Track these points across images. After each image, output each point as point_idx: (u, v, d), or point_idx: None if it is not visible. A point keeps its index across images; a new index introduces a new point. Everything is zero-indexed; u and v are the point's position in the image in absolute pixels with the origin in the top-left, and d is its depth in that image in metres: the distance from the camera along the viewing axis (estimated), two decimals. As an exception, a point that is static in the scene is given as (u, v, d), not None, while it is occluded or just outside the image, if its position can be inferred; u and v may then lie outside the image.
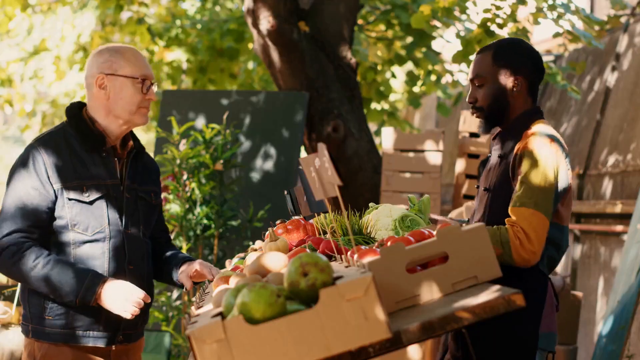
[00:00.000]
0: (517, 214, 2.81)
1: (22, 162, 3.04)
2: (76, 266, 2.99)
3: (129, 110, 3.08)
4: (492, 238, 2.77)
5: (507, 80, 3.00)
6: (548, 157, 2.85)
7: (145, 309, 3.13)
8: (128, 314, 2.93)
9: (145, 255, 3.17)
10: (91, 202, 3.03)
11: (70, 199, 3.00)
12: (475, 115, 3.07)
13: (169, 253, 3.34)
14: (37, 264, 2.94)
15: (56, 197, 3.01)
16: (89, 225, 3.02)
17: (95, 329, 3.04)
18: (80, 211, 3.02)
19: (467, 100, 3.09)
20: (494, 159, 3.06)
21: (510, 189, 2.89)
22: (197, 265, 3.19)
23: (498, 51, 3.03)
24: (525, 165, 2.85)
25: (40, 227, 3.01)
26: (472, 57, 3.20)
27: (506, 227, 2.81)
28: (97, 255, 3.02)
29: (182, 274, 3.23)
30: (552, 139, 2.90)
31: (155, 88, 3.16)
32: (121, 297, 2.93)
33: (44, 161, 3.01)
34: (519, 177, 2.85)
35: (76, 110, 3.14)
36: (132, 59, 3.11)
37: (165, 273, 3.31)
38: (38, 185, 3.00)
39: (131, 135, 3.20)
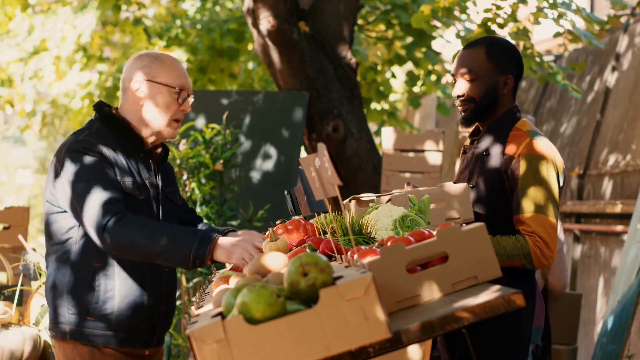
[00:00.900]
0: (533, 222, 2.88)
1: (82, 152, 2.93)
2: (182, 227, 2.93)
3: (162, 120, 3.04)
4: (513, 250, 2.88)
5: (499, 77, 3.04)
6: (551, 161, 2.91)
7: (174, 310, 3.15)
8: (245, 263, 2.79)
9: None
10: (141, 201, 3.01)
11: (126, 194, 2.96)
12: (462, 107, 3.08)
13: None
14: (145, 223, 2.86)
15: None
16: None
17: (136, 330, 2.99)
18: (132, 207, 2.96)
19: (453, 93, 3.10)
20: (476, 155, 3.09)
21: (500, 188, 2.95)
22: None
23: (491, 48, 3.05)
24: (531, 170, 2.91)
25: (126, 203, 2.92)
26: (461, 50, 3.19)
27: (524, 237, 2.89)
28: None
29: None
30: (548, 141, 2.97)
31: (191, 100, 3.10)
32: (239, 247, 2.82)
33: (103, 152, 2.95)
34: (524, 182, 2.91)
35: (110, 112, 3.08)
36: (172, 68, 3.06)
37: None
38: (107, 166, 2.94)
39: None
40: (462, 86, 3.07)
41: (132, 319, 2.97)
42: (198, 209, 5.57)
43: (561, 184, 2.97)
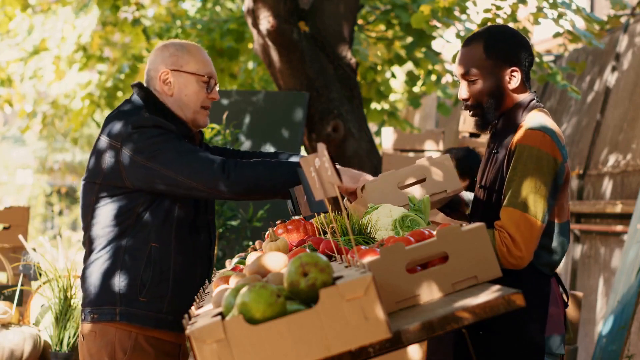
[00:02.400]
0: (505, 216, 2.68)
1: (152, 126, 2.91)
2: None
3: (193, 109, 3.03)
4: None
5: (502, 73, 2.82)
6: (546, 154, 2.69)
7: None
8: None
9: (215, 243, 3.20)
10: None
11: None
12: (471, 113, 2.90)
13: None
14: (250, 161, 2.91)
15: None
16: (194, 206, 3.03)
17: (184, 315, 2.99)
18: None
19: (459, 96, 2.91)
20: (490, 155, 2.92)
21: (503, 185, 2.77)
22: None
23: (490, 43, 2.82)
24: (515, 162, 2.70)
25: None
26: (461, 48, 2.98)
27: (493, 231, 2.68)
28: (199, 242, 3.03)
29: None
30: (545, 131, 2.73)
31: (217, 88, 3.11)
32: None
33: (172, 127, 2.96)
34: (511, 173, 2.71)
35: (153, 95, 3.05)
36: (198, 56, 3.05)
37: None
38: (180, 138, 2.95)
39: None
40: (464, 89, 2.87)
41: (185, 301, 2.92)
42: (198, 209, 5.57)
43: (561, 180, 2.75)
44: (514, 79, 2.83)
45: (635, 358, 5.49)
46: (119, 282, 2.92)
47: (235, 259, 3.18)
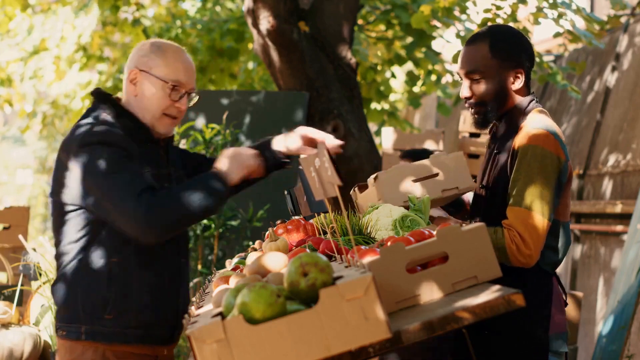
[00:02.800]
0: (512, 215, 2.69)
1: (101, 143, 2.78)
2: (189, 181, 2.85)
3: (152, 115, 2.90)
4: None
5: (507, 74, 2.83)
6: (550, 154, 2.71)
7: (187, 308, 3.02)
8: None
9: (188, 248, 3.07)
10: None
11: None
12: (472, 110, 2.88)
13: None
14: (169, 193, 2.75)
15: None
16: None
17: (156, 328, 2.88)
18: None
19: (461, 94, 2.89)
20: (490, 154, 2.92)
21: (506, 185, 2.77)
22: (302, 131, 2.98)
23: (495, 43, 2.83)
24: (520, 162, 2.71)
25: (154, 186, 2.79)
26: (464, 47, 2.96)
27: (502, 229, 2.70)
28: (164, 252, 2.88)
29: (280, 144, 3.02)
30: (548, 131, 2.74)
31: (193, 99, 2.98)
32: (242, 158, 2.87)
33: (119, 143, 2.79)
34: (516, 173, 2.72)
35: (112, 101, 2.94)
36: (171, 61, 2.91)
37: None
38: (127, 156, 2.78)
39: None
40: (468, 88, 2.86)
41: (151, 315, 2.86)
42: (198, 209, 5.56)
43: (564, 179, 2.77)
44: (518, 80, 2.84)
45: (635, 358, 5.49)
46: (82, 300, 2.83)
47: (235, 259, 3.18)
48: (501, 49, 2.82)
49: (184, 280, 3.01)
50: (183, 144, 5.67)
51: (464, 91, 2.87)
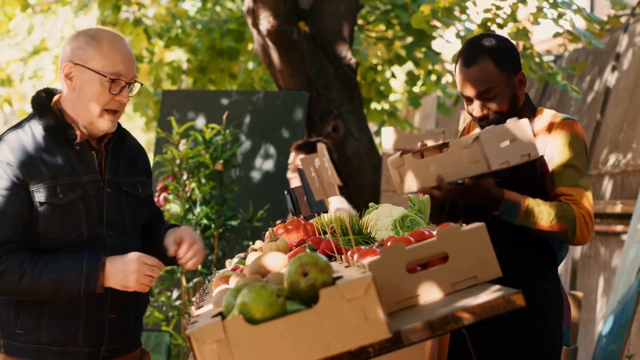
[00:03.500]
0: (575, 193, 2.73)
1: None
2: (67, 258, 2.62)
3: (92, 112, 2.67)
4: (560, 212, 2.69)
5: (513, 81, 2.84)
6: (580, 140, 2.79)
7: (138, 316, 2.85)
8: (146, 288, 2.61)
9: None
10: (66, 204, 2.66)
11: (42, 203, 2.63)
12: (487, 123, 2.83)
13: (158, 230, 2.95)
14: (24, 270, 2.59)
15: (31, 200, 2.63)
16: (64, 231, 2.66)
17: (72, 344, 2.69)
18: (53, 215, 2.64)
19: (476, 114, 2.83)
20: None
21: (530, 174, 2.78)
22: (184, 232, 2.80)
23: (496, 56, 2.81)
24: (567, 145, 2.76)
25: (22, 235, 2.63)
26: (463, 69, 2.87)
27: (569, 204, 2.71)
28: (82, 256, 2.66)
29: (169, 238, 2.81)
30: (576, 120, 2.85)
31: (135, 89, 2.75)
32: (130, 272, 2.59)
33: (10, 160, 2.62)
34: (562, 155, 2.75)
35: (43, 100, 2.74)
36: (107, 52, 2.66)
37: (157, 250, 2.85)
38: (10, 186, 2.61)
39: None
40: (483, 106, 2.82)
41: (65, 330, 2.68)
42: (198, 209, 5.57)
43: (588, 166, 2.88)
44: (522, 83, 2.88)
45: (635, 358, 5.49)
46: None
47: (235, 259, 3.18)
48: (503, 59, 2.82)
49: (117, 293, 2.73)
50: (183, 144, 5.67)
51: (478, 111, 2.83)
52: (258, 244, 3.18)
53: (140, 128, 12.84)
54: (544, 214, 2.69)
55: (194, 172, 5.63)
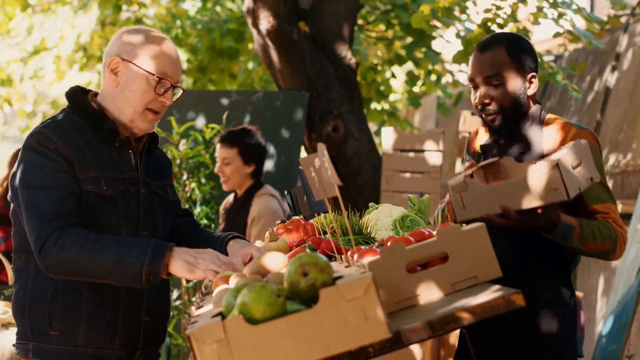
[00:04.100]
0: (610, 210, 2.74)
1: (36, 150, 2.57)
2: (131, 238, 2.57)
3: (134, 109, 2.66)
4: (604, 232, 2.69)
5: (524, 78, 2.79)
6: (597, 150, 2.75)
7: (165, 321, 2.81)
8: (211, 276, 2.48)
9: None
10: (109, 197, 2.62)
11: (89, 191, 2.58)
12: (489, 118, 2.80)
13: (205, 234, 2.90)
14: (85, 241, 2.47)
15: (80, 184, 2.57)
16: (106, 224, 2.61)
17: (109, 347, 2.64)
18: (97, 206, 2.59)
19: (477, 101, 2.80)
20: (509, 156, 2.77)
21: None
22: (253, 250, 2.69)
23: (511, 47, 2.79)
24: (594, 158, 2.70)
25: (77, 213, 2.54)
26: (477, 54, 2.83)
27: (609, 222, 2.73)
28: None
29: (237, 254, 2.71)
30: (591, 129, 2.79)
31: (178, 93, 2.72)
32: (202, 259, 2.49)
33: (58, 146, 2.56)
34: None
35: (81, 96, 2.72)
36: (157, 51, 2.66)
37: None
38: (61, 168, 2.55)
39: None
40: (487, 93, 2.78)
41: (103, 332, 2.63)
42: (198, 209, 5.57)
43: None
44: (533, 85, 2.82)
45: (635, 358, 5.48)
46: (29, 314, 2.61)
47: (235, 259, 3.17)
48: (518, 54, 2.80)
49: (152, 297, 2.74)
50: (183, 144, 5.67)
51: (482, 96, 2.78)
52: (258, 243, 3.18)
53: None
54: (594, 234, 2.68)
55: (194, 172, 5.63)
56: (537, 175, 2.45)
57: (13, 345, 2.72)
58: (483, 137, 2.99)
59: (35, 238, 2.52)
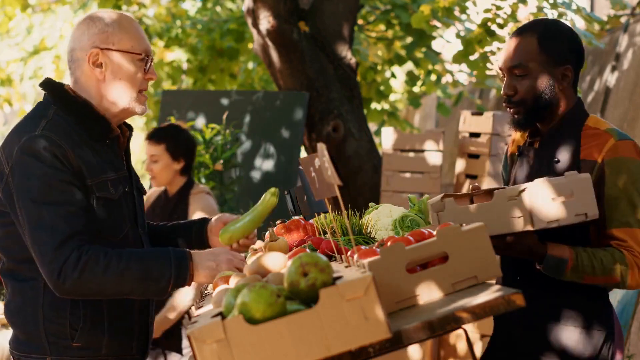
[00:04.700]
0: (627, 236, 2.49)
1: (36, 156, 2.41)
2: (149, 250, 2.54)
3: (130, 95, 2.55)
4: (610, 264, 2.48)
5: (555, 71, 2.58)
6: (637, 164, 2.51)
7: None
8: (240, 266, 2.49)
9: None
10: (117, 200, 2.55)
11: (99, 197, 2.49)
12: (512, 110, 2.62)
13: (163, 227, 2.87)
14: (109, 261, 2.39)
15: (88, 193, 2.47)
16: (115, 229, 2.55)
17: (129, 353, 2.62)
18: (107, 211, 2.52)
19: (502, 92, 2.63)
20: (541, 161, 2.65)
21: None
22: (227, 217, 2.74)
23: (545, 36, 2.57)
24: (615, 177, 2.50)
25: (90, 228, 2.44)
26: (508, 39, 2.65)
27: (620, 250, 2.50)
28: None
29: (214, 226, 2.75)
30: (632, 140, 2.56)
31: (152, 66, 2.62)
32: (223, 259, 2.49)
33: (69, 153, 2.44)
34: (612, 191, 2.50)
35: (64, 90, 2.56)
36: (132, 30, 2.55)
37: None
38: (71, 179, 2.43)
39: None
40: (511, 84, 2.60)
41: (125, 339, 2.61)
42: (198, 209, 5.57)
43: None
44: (566, 79, 2.61)
45: (635, 358, 5.48)
46: (44, 327, 2.49)
47: (235, 259, 3.17)
48: (550, 43, 2.57)
49: (153, 300, 2.75)
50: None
51: (507, 87, 2.61)
52: (258, 244, 3.18)
53: (140, 128, 12.87)
54: (594, 268, 2.49)
55: (194, 172, 5.63)
56: (504, 199, 2.40)
57: (15, 356, 2.58)
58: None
59: (49, 262, 2.39)
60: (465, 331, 2.80)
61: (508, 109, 2.64)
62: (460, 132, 6.35)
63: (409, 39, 8.69)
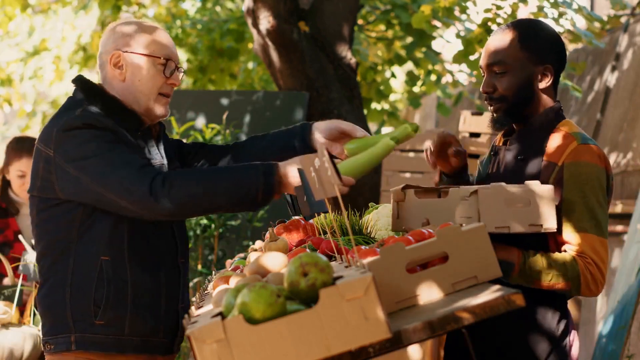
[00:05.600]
0: (581, 241, 2.46)
1: (83, 127, 2.52)
2: (233, 165, 2.61)
3: (147, 96, 2.65)
4: (559, 270, 2.44)
5: (535, 69, 2.57)
6: (598, 170, 2.48)
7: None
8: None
9: (187, 249, 2.82)
10: None
11: None
12: (492, 107, 2.62)
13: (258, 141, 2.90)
14: (195, 175, 2.48)
15: None
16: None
17: (153, 335, 2.64)
18: None
19: (482, 89, 2.62)
20: (508, 160, 2.65)
21: None
22: (343, 125, 2.73)
23: (525, 34, 2.57)
24: (574, 181, 2.48)
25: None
26: (489, 38, 2.66)
27: (573, 257, 2.46)
28: (160, 251, 2.65)
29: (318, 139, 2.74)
30: (597, 146, 2.52)
31: (181, 75, 2.73)
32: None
33: (107, 126, 2.54)
34: (570, 195, 2.47)
35: (95, 87, 2.70)
36: (155, 35, 2.67)
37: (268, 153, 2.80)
38: (117, 138, 2.53)
39: None
40: (490, 81, 2.60)
41: (149, 320, 2.63)
42: (198, 209, 5.57)
43: (609, 194, 2.54)
44: (545, 79, 2.60)
45: (635, 358, 5.49)
46: (70, 306, 2.57)
47: (235, 259, 3.18)
48: (531, 41, 2.57)
49: (184, 284, 2.78)
50: (183, 144, 5.67)
51: (486, 84, 2.61)
52: (258, 244, 3.18)
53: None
54: (541, 273, 2.45)
55: (194, 172, 5.63)
56: (457, 198, 2.40)
57: (43, 342, 2.65)
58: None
59: (137, 189, 2.44)
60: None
61: (490, 106, 2.64)
62: (460, 132, 6.35)
63: (409, 39, 8.69)
